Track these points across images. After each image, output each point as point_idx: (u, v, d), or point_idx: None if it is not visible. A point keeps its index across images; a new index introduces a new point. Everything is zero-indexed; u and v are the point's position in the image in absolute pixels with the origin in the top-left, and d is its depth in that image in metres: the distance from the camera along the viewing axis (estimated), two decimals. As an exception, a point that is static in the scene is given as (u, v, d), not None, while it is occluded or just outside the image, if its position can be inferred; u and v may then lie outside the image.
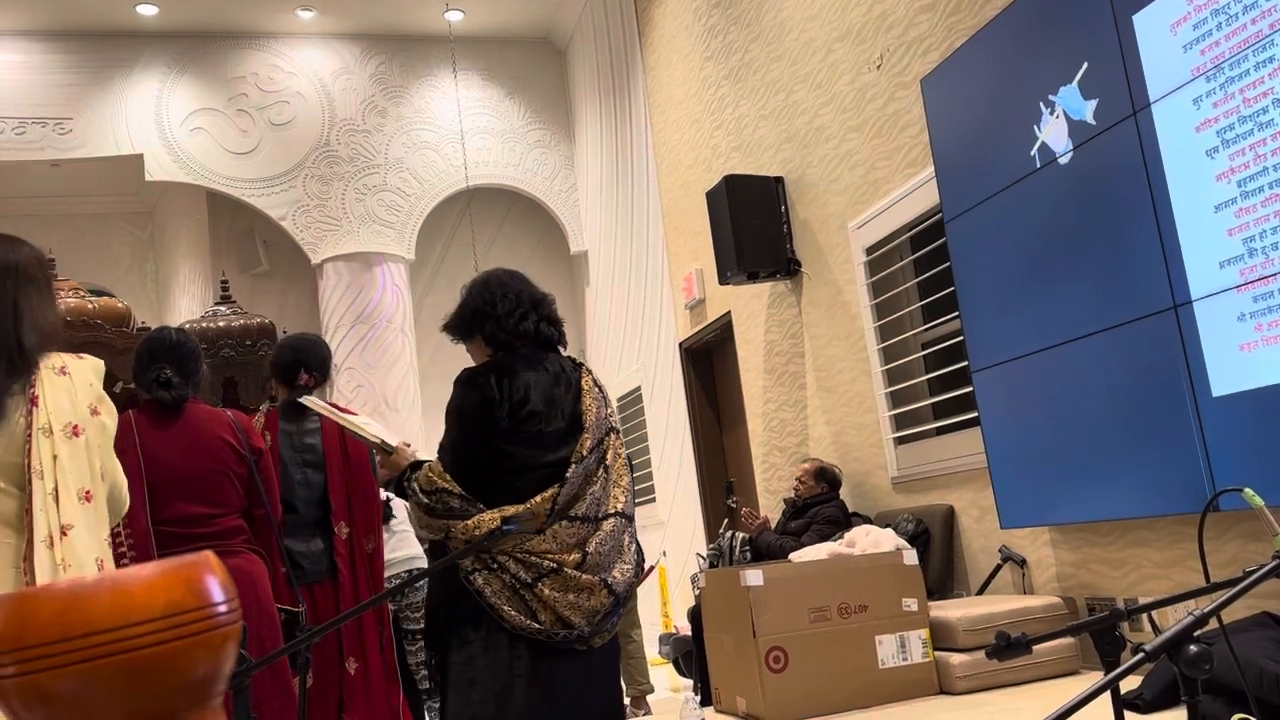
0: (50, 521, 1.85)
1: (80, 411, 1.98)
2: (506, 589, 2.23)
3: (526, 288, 2.50)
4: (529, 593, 2.23)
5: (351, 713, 3.36)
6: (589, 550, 2.29)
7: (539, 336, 2.45)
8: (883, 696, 3.96)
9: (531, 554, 2.24)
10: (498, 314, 2.44)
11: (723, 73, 6.99)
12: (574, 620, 2.24)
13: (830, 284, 5.75)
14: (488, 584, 2.23)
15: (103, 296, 5.23)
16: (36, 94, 8.55)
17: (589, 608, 2.27)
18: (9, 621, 1.03)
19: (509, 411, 2.30)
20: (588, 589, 2.26)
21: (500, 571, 2.23)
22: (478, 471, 2.31)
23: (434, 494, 2.30)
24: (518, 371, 2.36)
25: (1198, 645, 1.13)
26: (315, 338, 3.72)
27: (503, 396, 2.31)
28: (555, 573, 2.24)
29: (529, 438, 2.32)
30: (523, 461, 2.31)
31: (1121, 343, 3.58)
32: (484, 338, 2.48)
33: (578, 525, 2.30)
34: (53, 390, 1.95)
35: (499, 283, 2.50)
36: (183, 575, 1.09)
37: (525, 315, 2.44)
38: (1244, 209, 3.10)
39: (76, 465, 1.93)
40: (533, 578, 2.23)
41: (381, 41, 9.45)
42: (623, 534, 2.40)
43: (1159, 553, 3.73)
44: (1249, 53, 3.07)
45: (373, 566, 3.50)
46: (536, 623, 2.22)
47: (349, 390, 8.63)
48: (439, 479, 2.30)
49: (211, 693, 1.12)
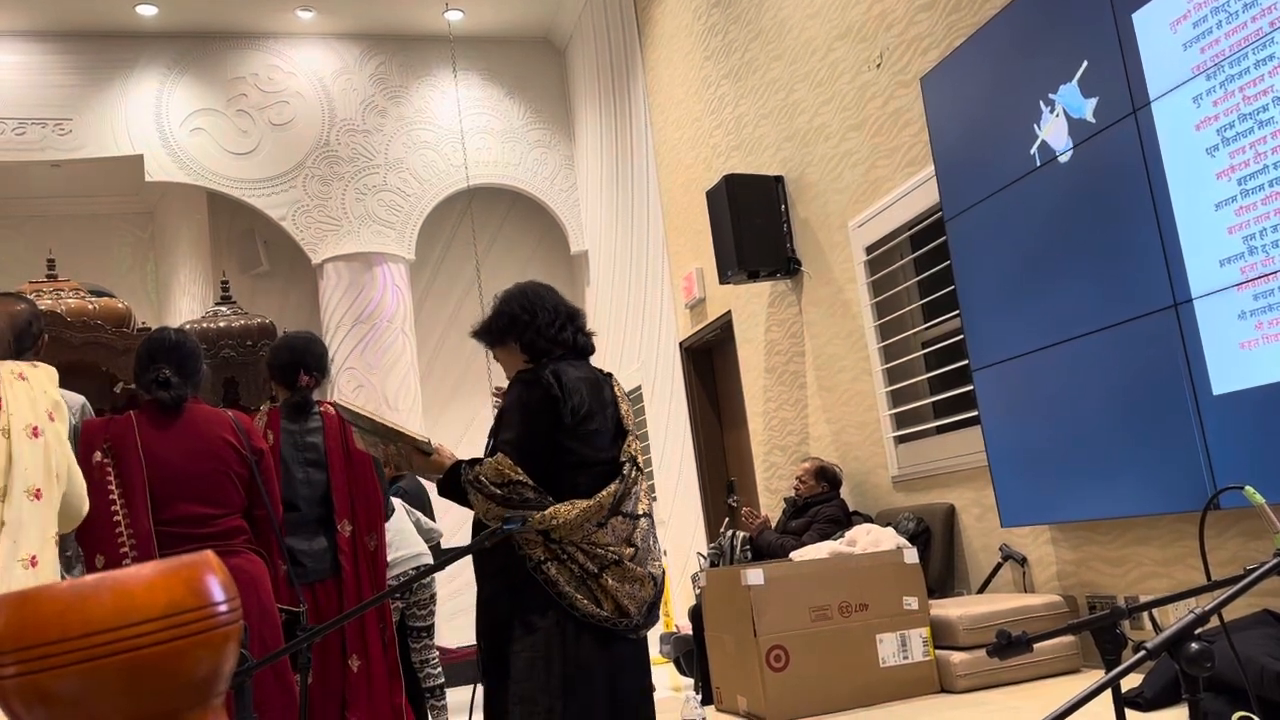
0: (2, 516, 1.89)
1: (39, 415, 2.01)
2: (575, 579, 2.38)
3: (562, 301, 2.66)
4: (594, 583, 2.38)
5: (354, 711, 3.36)
6: (637, 544, 2.47)
7: (575, 346, 2.61)
8: (883, 695, 3.96)
9: (597, 546, 2.40)
10: (538, 323, 2.57)
11: (723, 72, 6.99)
12: (630, 609, 2.41)
13: (830, 283, 5.75)
14: (560, 574, 2.37)
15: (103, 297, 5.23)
16: (36, 94, 8.55)
17: (641, 598, 2.44)
18: (9, 622, 1.04)
19: (572, 410, 2.45)
20: (640, 580, 2.44)
21: (569, 562, 2.38)
22: (540, 468, 2.43)
23: (507, 485, 2.39)
24: (568, 372, 2.50)
25: (1199, 643, 1.13)
26: (310, 336, 3.71)
27: (564, 395, 2.45)
28: (617, 564, 2.41)
29: (587, 435, 2.48)
30: (582, 458, 2.46)
31: (1122, 341, 3.58)
32: (521, 345, 2.59)
33: (628, 521, 2.46)
34: (14, 394, 1.98)
35: (536, 294, 2.63)
36: (183, 575, 1.09)
37: (564, 326, 2.60)
38: (1244, 207, 3.10)
39: (33, 464, 1.96)
40: (598, 568, 2.39)
41: (381, 41, 9.45)
42: (651, 532, 2.57)
43: (1159, 551, 3.73)
44: (1249, 50, 3.07)
45: (375, 564, 3.50)
46: (603, 610, 2.38)
47: (349, 391, 8.63)
48: (510, 472, 2.40)
49: (213, 692, 1.12)
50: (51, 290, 4.98)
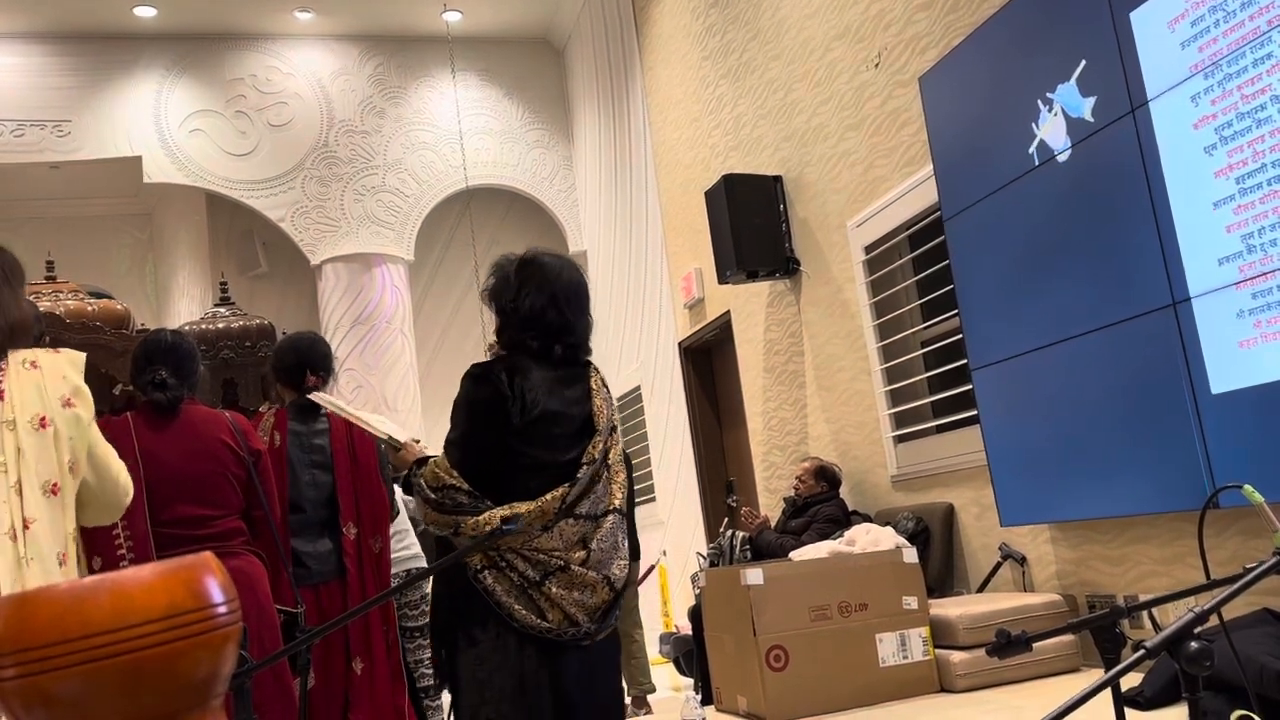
0: (13, 515, 1.84)
1: (50, 404, 1.95)
2: (515, 588, 2.22)
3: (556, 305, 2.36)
4: (536, 591, 2.22)
5: (357, 713, 3.36)
6: (591, 547, 2.28)
7: (544, 355, 2.36)
8: (883, 695, 3.96)
9: (539, 551, 2.23)
10: (514, 320, 2.37)
11: (721, 72, 6.99)
12: (579, 618, 2.24)
13: (829, 283, 5.75)
14: (498, 583, 2.22)
15: (102, 299, 5.22)
16: (35, 96, 8.55)
17: (592, 605, 2.27)
18: (9, 624, 1.04)
19: (521, 410, 2.27)
20: (591, 586, 2.26)
21: (509, 570, 2.22)
22: (486, 468, 2.28)
23: (441, 490, 2.27)
24: (529, 369, 2.32)
25: (1198, 642, 1.13)
26: (314, 336, 3.71)
27: (515, 394, 2.27)
28: (563, 570, 2.23)
29: (541, 438, 2.29)
30: (534, 460, 2.29)
31: (1120, 340, 3.58)
32: (496, 326, 2.43)
33: (581, 522, 2.29)
34: (19, 384, 1.94)
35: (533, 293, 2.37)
36: (182, 576, 1.09)
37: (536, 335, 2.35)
38: (1242, 205, 3.10)
39: (43, 458, 1.91)
40: (540, 575, 2.22)
41: (380, 42, 9.45)
42: (619, 530, 2.38)
43: (1159, 550, 3.73)
44: (1246, 49, 3.07)
45: (380, 567, 3.50)
46: (545, 621, 2.21)
47: (349, 391, 8.63)
48: (446, 475, 2.27)
49: (212, 694, 1.12)
50: (50, 292, 4.98)
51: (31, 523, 1.86)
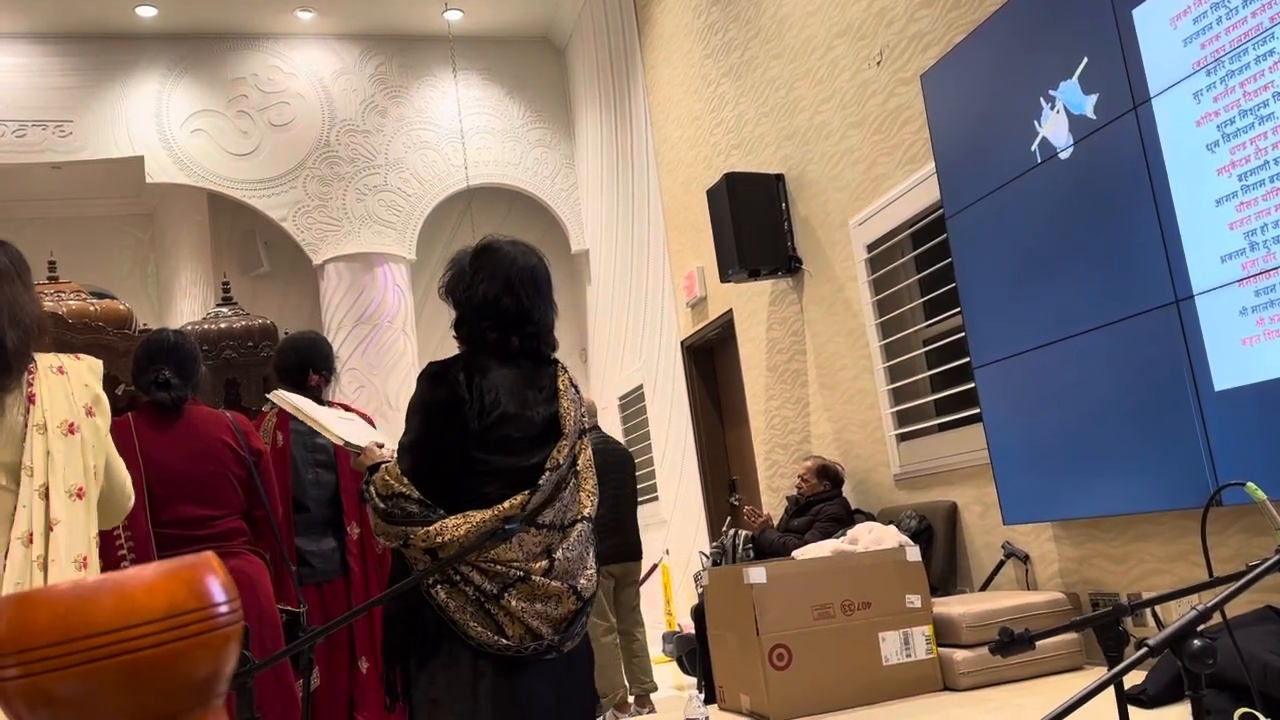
0: (34, 518, 1.86)
1: (76, 410, 1.98)
2: (471, 603, 2.06)
3: (510, 294, 2.23)
4: (494, 605, 2.06)
5: (363, 712, 3.37)
6: (556, 557, 2.13)
7: (502, 350, 2.22)
8: (886, 693, 3.96)
9: (497, 563, 2.07)
10: (467, 311, 2.24)
11: (722, 70, 6.98)
12: (542, 631, 2.09)
13: (831, 281, 5.75)
14: (451, 598, 2.06)
15: (104, 299, 5.23)
16: (36, 97, 8.56)
17: (556, 616, 2.11)
18: (11, 624, 1.04)
19: (479, 413, 2.12)
20: (556, 596, 2.11)
21: (463, 584, 2.06)
22: (440, 474, 2.13)
23: (390, 499, 2.12)
24: (489, 369, 2.17)
25: (1201, 640, 1.12)
26: (315, 336, 3.71)
27: (473, 396, 2.13)
28: (523, 581, 2.08)
29: (500, 442, 2.14)
30: (492, 466, 2.14)
31: (1123, 338, 3.57)
32: (453, 321, 2.29)
33: (545, 533, 2.14)
34: (50, 389, 1.96)
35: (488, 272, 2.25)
36: (184, 576, 1.09)
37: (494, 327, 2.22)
38: (1245, 203, 3.10)
39: (71, 462, 1.94)
40: (498, 588, 2.06)
41: (381, 41, 9.45)
42: (587, 539, 2.23)
43: (1162, 548, 3.73)
44: (1249, 46, 3.07)
45: (383, 566, 3.50)
46: (504, 638, 2.06)
47: (351, 391, 8.63)
48: (395, 482, 2.12)
49: (213, 694, 1.12)
50: (53, 292, 4.98)
51: (55, 525, 1.88)
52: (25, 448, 1.88)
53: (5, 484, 1.86)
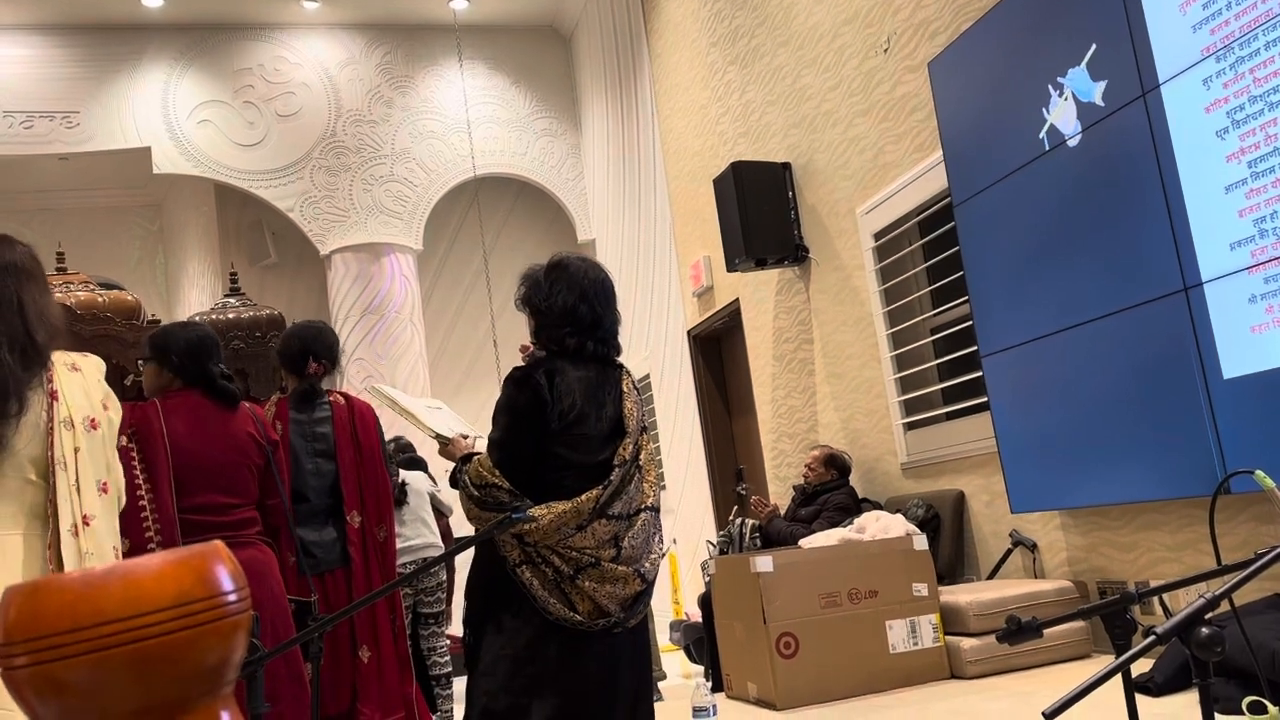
0: (74, 511, 1.90)
1: (95, 406, 2.02)
2: (550, 582, 2.34)
3: (585, 303, 2.46)
4: (569, 585, 2.34)
5: (365, 701, 3.38)
6: (623, 545, 2.39)
7: (579, 352, 2.47)
8: (894, 681, 3.97)
9: (572, 549, 2.34)
10: (548, 321, 2.47)
11: (729, 58, 6.96)
12: (609, 608, 2.36)
13: (839, 270, 5.73)
14: (535, 577, 2.33)
15: (112, 290, 5.24)
16: (44, 88, 8.56)
17: (623, 596, 2.38)
18: (21, 612, 1.04)
19: (559, 414, 2.38)
20: (623, 579, 2.37)
21: (544, 565, 2.34)
22: (525, 468, 2.39)
23: (484, 488, 2.38)
24: (566, 372, 2.43)
25: (1209, 628, 1.12)
26: (321, 325, 3.72)
27: (554, 399, 2.39)
28: (594, 566, 2.35)
29: (576, 440, 2.41)
30: (569, 461, 2.40)
31: (1131, 326, 3.56)
32: (531, 329, 2.54)
33: (614, 522, 2.40)
34: (70, 385, 2.00)
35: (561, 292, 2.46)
36: (192, 565, 1.10)
37: (573, 334, 2.45)
38: (1254, 190, 3.08)
39: (94, 457, 1.98)
40: (573, 571, 2.34)
41: (387, 31, 9.43)
42: (651, 526, 2.49)
43: (1170, 536, 3.72)
44: (1259, 32, 3.05)
45: (384, 555, 3.51)
46: (576, 614, 2.33)
47: (358, 381, 8.64)
48: (489, 474, 2.38)
49: (222, 681, 1.13)
50: (61, 283, 5.00)
51: (91, 519, 1.92)
52: (55, 443, 1.92)
53: (34, 478, 1.90)
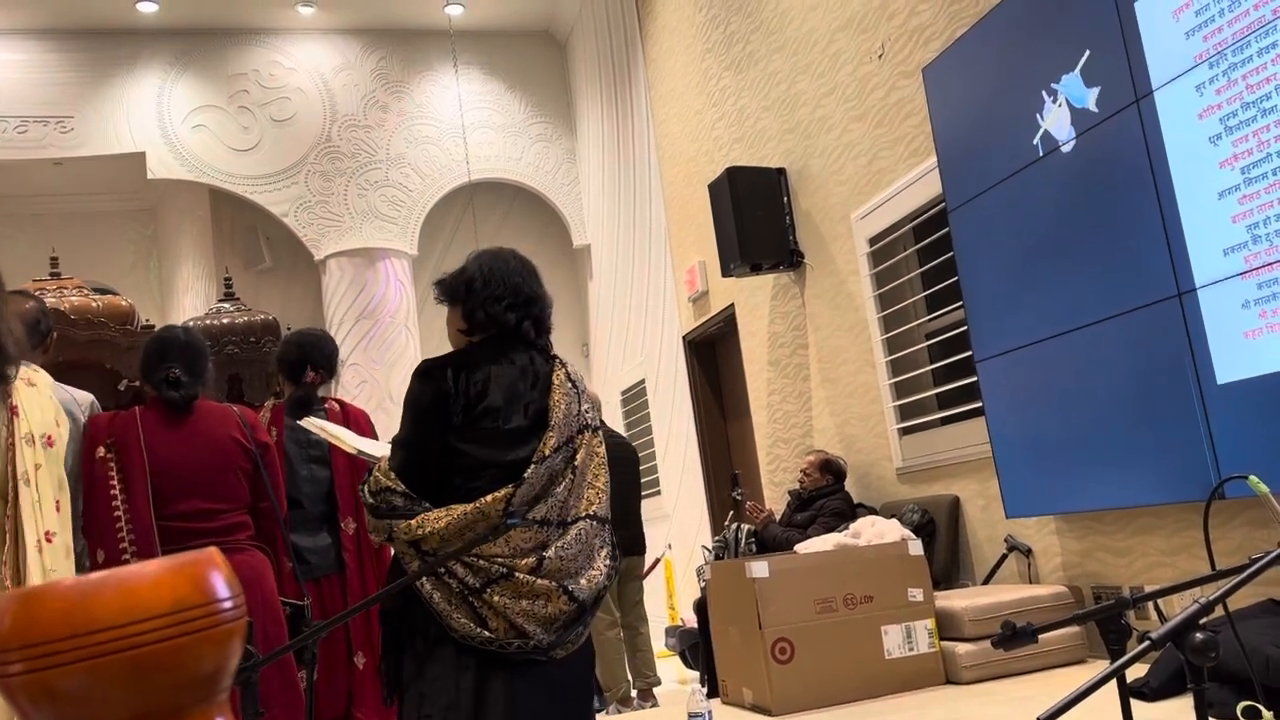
0: (38, 527, 1.87)
1: (49, 422, 1.99)
2: (455, 596, 2.07)
3: (526, 282, 2.31)
4: (478, 599, 2.06)
5: (361, 707, 3.37)
6: (548, 555, 2.11)
7: (515, 331, 2.28)
8: (889, 687, 3.96)
9: (480, 558, 2.07)
10: (485, 294, 2.27)
11: (724, 64, 6.97)
12: (529, 629, 2.07)
13: (834, 275, 5.74)
14: (436, 590, 2.07)
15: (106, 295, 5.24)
16: (38, 92, 8.55)
17: (545, 615, 2.08)
18: (16, 619, 1.04)
19: (464, 407, 2.16)
20: (544, 595, 2.08)
21: (448, 577, 2.07)
22: (429, 469, 2.17)
23: (378, 494, 2.17)
24: (479, 364, 2.21)
25: (1204, 633, 1.12)
26: (320, 333, 3.72)
27: (458, 390, 2.16)
28: (505, 578, 2.06)
29: (485, 434, 2.16)
30: (477, 459, 2.15)
31: (1126, 331, 3.57)
32: (463, 311, 2.31)
33: (536, 529, 2.12)
34: (29, 401, 1.97)
35: (501, 265, 2.31)
36: (188, 572, 1.09)
37: (512, 307, 2.27)
38: (1247, 195, 3.09)
39: (52, 473, 1.95)
40: (481, 583, 2.06)
41: (382, 36, 9.43)
42: (594, 538, 2.20)
43: (1165, 541, 3.73)
44: (1251, 39, 3.06)
45: (379, 561, 3.51)
46: (487, 630, 2.06)
47: (353, 387, 8.64)
48: (384, 477, 2.17)
49: (218, 688, 1.12)
50: (55, 288, 4.99)
51: (53, 536, 1.89)
52: (16, 458, 1.89)
53: None
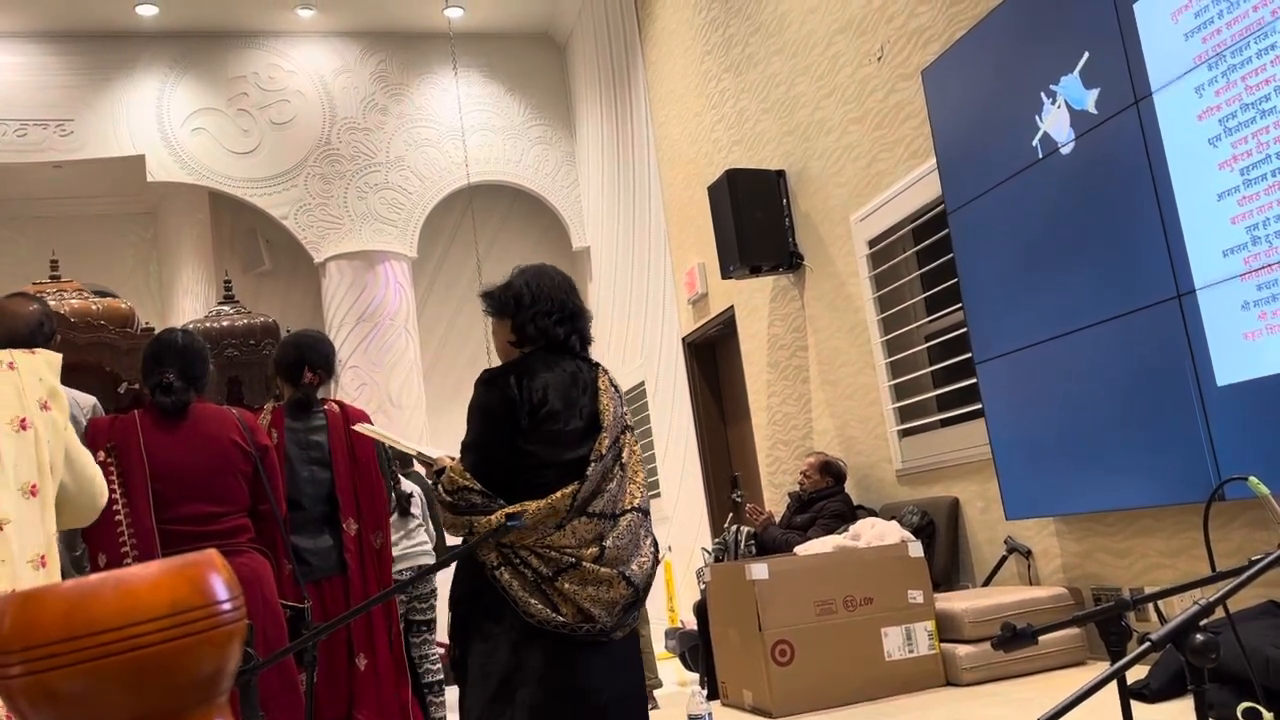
0: None
1: (28, 405, 1.95)
2: (529, 584, 2.31)
3: (571, 299, 2.57)
4: (550, 586, 2.31)
5: (362, 709, 3.37)
6: (606, 545, 2.37)
7: (564, 344, 2.52)
8: (889, 688, 3.96)
9: (551, 549, 2.33)
10: (535, 310, 2.51)
11: (723, 66, 6.98)
12: (595, 612, 2.32)
13: (833, 277, 5.74)
14: (514, 578, 2.31)
15: (106, 298, 5.24)
16: (37, 96, 8.55)
17: (608, 599, 2.34)
18: (15, 622, 1.04)
19: (529, 411, 2.39)
20: (606, 581, 2.34)
21: (522, 566, 2.32)
22: (499, 469, 2.40)
23: (456, 492, 2.38)
24: (536, 372, 2.43)
25: (1204, 634, 1.12)
26: (318, 335, 3.72)
27: (523, 397, 2.39)
28: (574, 567, 2.32)
29: (548, 436, 2.41)
30: (542, 459, 2.40)
31: (1125, 333, 3.57)
32: (512, 324, 2.53)
33: (595, 521, 2.38)
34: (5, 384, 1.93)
35: (549, 282, 2.56)
36: (187, 574, 1.09)
37: (560, 321, 2.51)
38: (1247, 197, 3.09)
39: (23, 459, 1.90)
40: (553, 572, 2.31)
41: (382, 39, 9.44)
42: (639, 528, 2.47)
43: (1164, 542, 3.73)
44: (1250, 40, 3.06)
45: (381, 562, 3.51)
46: (560, 615, 2.30)
47: (353, 389, 8.63)
48: (460, 478, 2.39)
49: (217, 690, 1.12)
50: (55, 291, 4.99)
51: (4, 524, 1.84)
52: None
53: None
